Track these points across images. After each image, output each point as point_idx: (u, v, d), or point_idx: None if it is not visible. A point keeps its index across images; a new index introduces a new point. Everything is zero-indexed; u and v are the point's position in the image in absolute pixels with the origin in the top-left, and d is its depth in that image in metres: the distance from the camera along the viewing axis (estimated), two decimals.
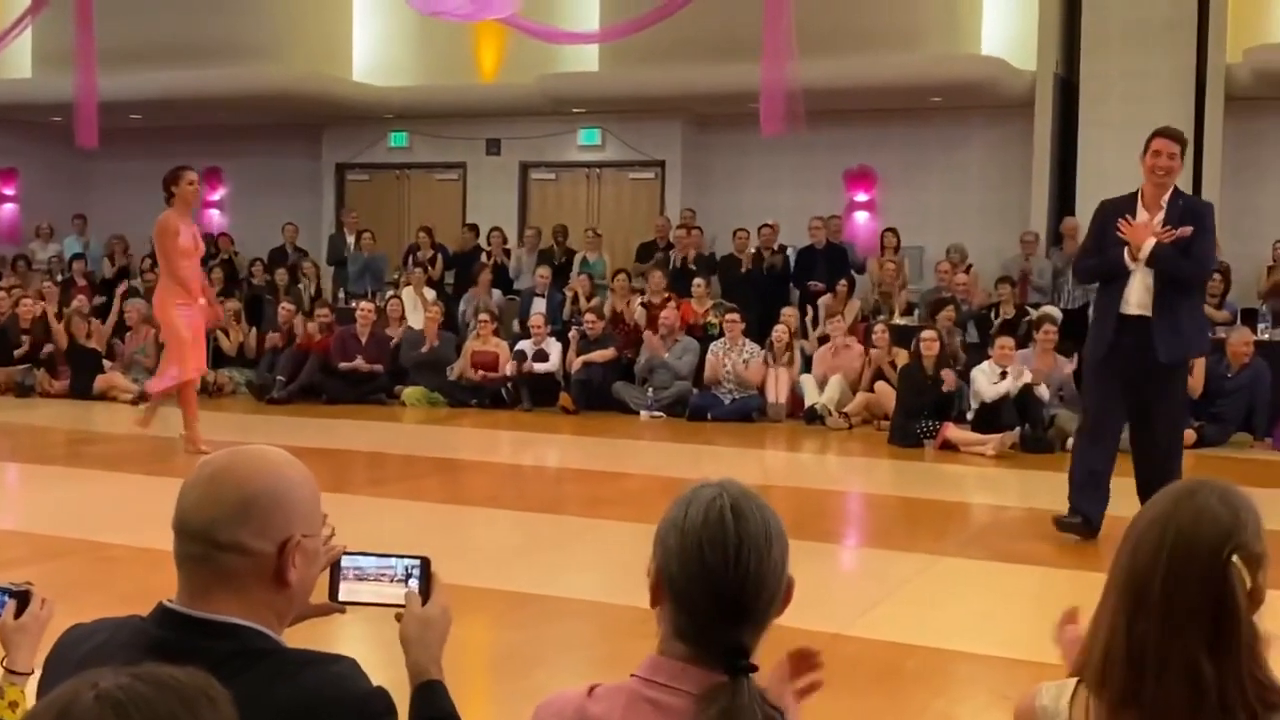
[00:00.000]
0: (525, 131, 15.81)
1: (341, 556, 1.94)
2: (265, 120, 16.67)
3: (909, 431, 10.00)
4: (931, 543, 6.48)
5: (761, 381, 11.56)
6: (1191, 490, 1.69)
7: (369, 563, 1.95)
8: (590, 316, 12.31)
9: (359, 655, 1.77)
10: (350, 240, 15.20)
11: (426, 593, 1.94)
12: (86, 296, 14.06)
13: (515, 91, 15.14)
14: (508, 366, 12.11)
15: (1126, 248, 6.25)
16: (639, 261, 14.19)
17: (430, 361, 12.51)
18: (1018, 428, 9.68)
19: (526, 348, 12.24)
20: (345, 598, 1.95)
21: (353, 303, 13.57)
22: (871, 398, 11.07)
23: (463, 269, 14.54)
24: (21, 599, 2.23)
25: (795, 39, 10.02)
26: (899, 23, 13.43)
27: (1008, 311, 11.93)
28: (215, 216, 17.49)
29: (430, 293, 13.88)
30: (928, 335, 10.44)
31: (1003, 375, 9.92)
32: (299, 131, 16.77)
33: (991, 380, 9.91)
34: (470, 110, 15.77)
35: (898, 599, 5.34)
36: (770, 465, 9.77)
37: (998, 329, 11.22)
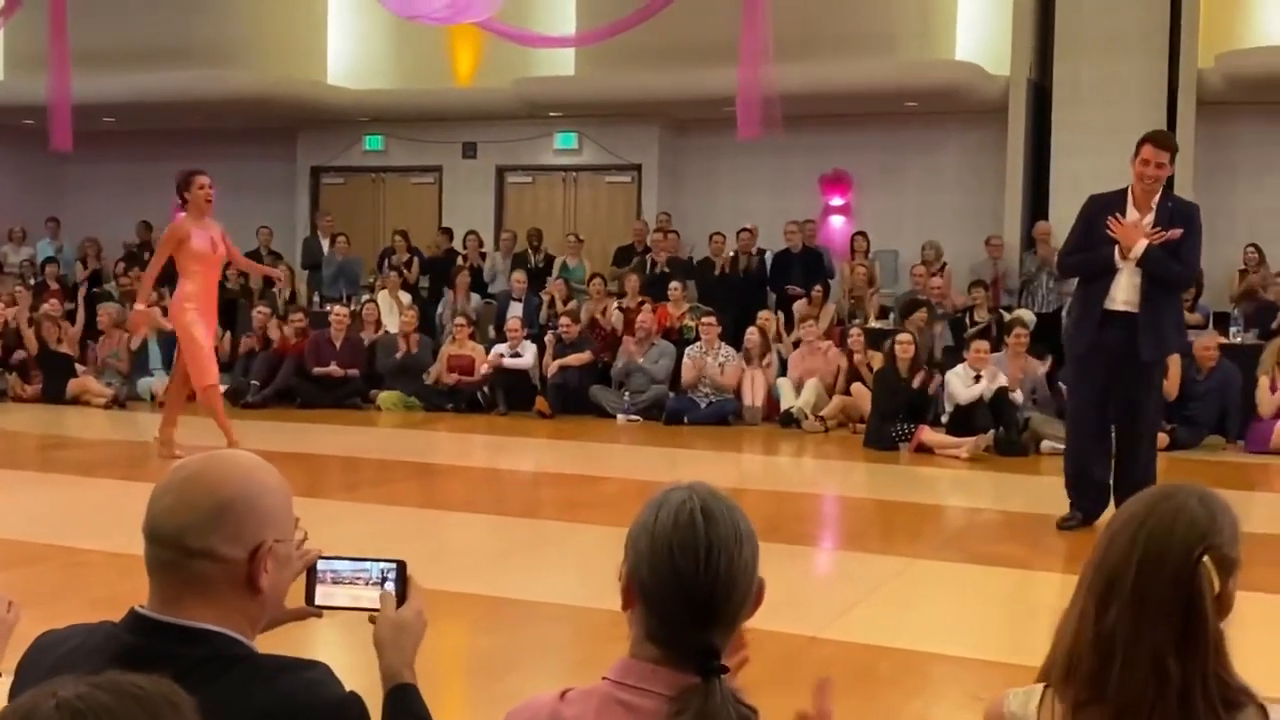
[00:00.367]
0: (501, 135, 15.79)
1: (317, 561, 1.93)
2: (240, 123, 16.60)
3: (884, 434, 10.03)
4: (907, 545, 6.50)
5: (738, 385, 11.58)
6: (1171, 492, 1.71)
7: (344, 566, 1.94)
8: (566, 320, 12.30)
9: (332, 661, 1.76)
10: (325, 244, 15.15)
11: (402, 596, 1.93)
12: (59, 301, 13.97)
13: (491, 95, 15.13)
14: (483, 365, 12.09)
15: (1117, 246, 6.31)
16: (616, 265, 14.20)
17: (406, 366, 12.48)
18: (992, 431, 9.72)
19: (503, 351, 12.22)
20: (321, 602, 1.94)
21: (327, 306, 13.52)
22: (847, 401, 11.11)
23: (438, 273, 14.50)
24: None
25: (772, 44, 10.05)
26: (874, 28, 13.48)
27: (981, 315, 11.99)
28: None
29: (406, 296, 13.84)
30: (903, 338, 10.49)
31: (977, 379, 9.96)
32: (274, 135, 16.71)
33: (966, 383, 9.95)
34: (446, 114, 15.74)
35: (873, 601, 5.35)
36: (746, 468, 9.79)
37: (974, 333, 11.28)
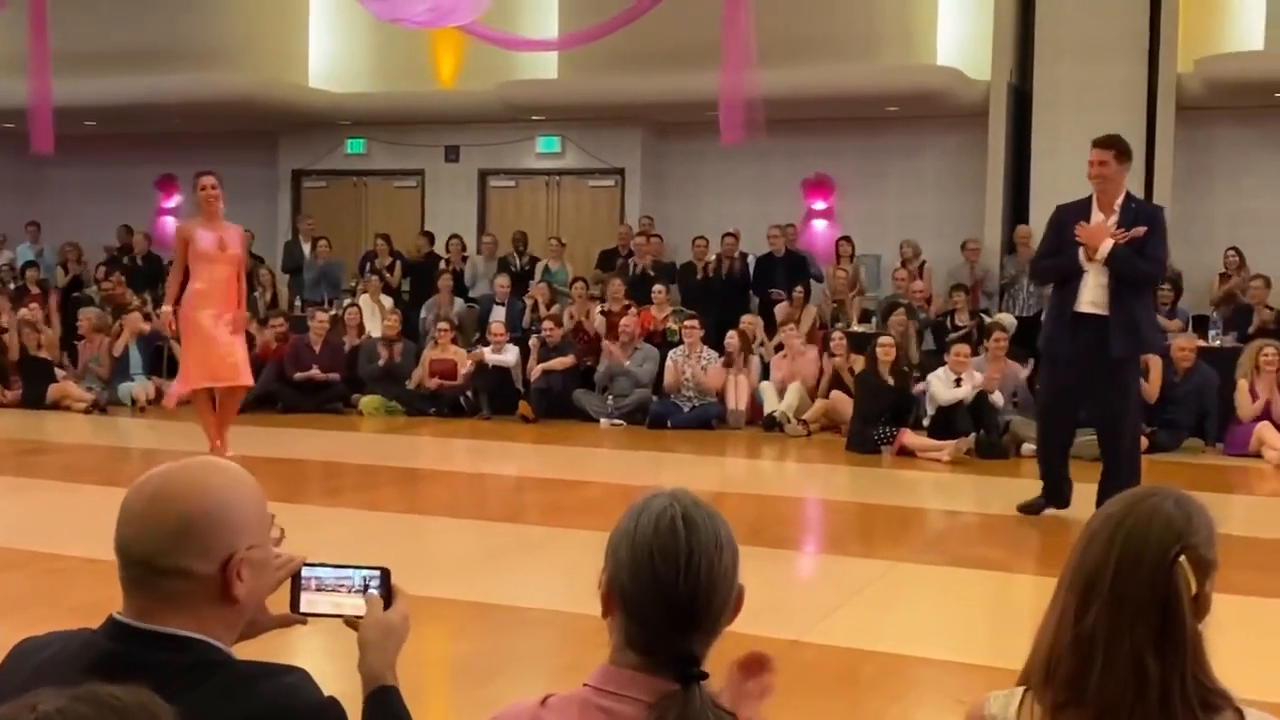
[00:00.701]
0: (484, 139, 15.78)
1: (302, 567, 1.94)
2: (221, 127, 16.55)
3: (867, 438, 10.06)
4: (889, 548, 6.51)
5: (721, 388, 11.59)
6: (1149, 493, 1.72)
7: (328, 574, 1.94)
8: (549, 324, 12.29)
9: (311, 666, 1.76)
10: (306, 248, 15.10)
11: (388, 601, 1.94)
12: (39, 305, 13.90)
13: (474, 98, 15.12)
14: (467, 362, 12.08)
15: (1082, 249, 6.52)
16: (600, 269, 14.20)
17: (388, 372, 12.45)
18: (973, 434, 9.76)
19: (486, 355, 12.21)
20: (305, 609, 1.94)
21: (308, 310, 13.48)
22: (830, 404, 11.13)
23: (420, 277, 14.47)
24: None
25: (754, 48, 10.06)
26: (856, 33, 13.53)
27: (963, 319, 12.04)
28: (171, 224, 17.33)
29: (388, 300, 13.82)
30: (884, 341, 10.53)
31: (958, 382, 10.01)
32: (255, 138, 16.66)
33: (947, 386, 10.00)
34: (429, 117, 15.72)
35: (856, 605, 5.37)
36: (729, 472, 9.80)
37: (955, 337, 11.32)
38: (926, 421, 10.22)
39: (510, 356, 12.23)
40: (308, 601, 1.94)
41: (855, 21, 13.56)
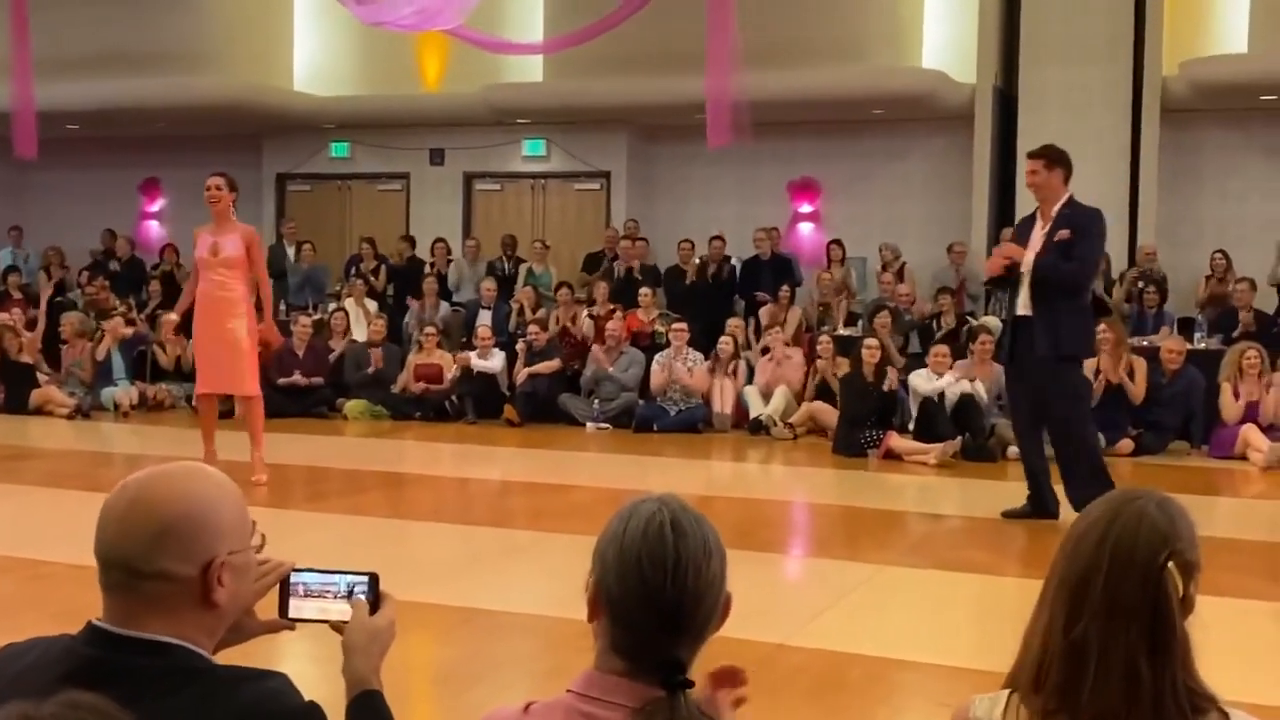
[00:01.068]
0: (469, 142, 15.76)
1: (290, 573, 1.93)
2: (205, 130, 16.49)
3: (853, 441, 10.07)
4: (875, 552, 6.51)
5: (707, 391, 11.59)
6: (1131, 497, 1.72)
7: (314, 579, 1.94)
8: (535, 328, 12.27)
9: (294, 671, 1.75)
10: (290, 252, 15.06)
11: (375, 607, 1.93)
12: (22, 310, 13.83)
13: (459, 102, 15.10)
14: (453, 369, 12.06)
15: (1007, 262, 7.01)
16: (586, 272, 14.19)
17: (374, 378, 12.42)
18: (959, 437, 9.77)
19: (472, 359, 12.18)
20: (293, 615, 1.95)
21: (292, 315, 13.44)
22: (815, 408, 11.12)
23: (403, 281, 14.44)
24: None
25: (739, 51, 10.07)
26: (841, 36, 13.55)
27: (949, 321, 12.06)
28: (155, 228, 17.29)
29: (372, 304, 13.79)
30: (870, 343, 10.56)
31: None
32: (239, 141, 16.60)
33: (929, 381, 10.17)
34: (413, 120, 15.70)
35: (841, 608, 5.36)
36: (716, 476, 9.79)
37: (941, 338, 11.34)
38: (912, 425, 10.24)
39: (496, 362, 12.21)
40: (295, 607, 1.94)
41: (841, 25, 13.58)
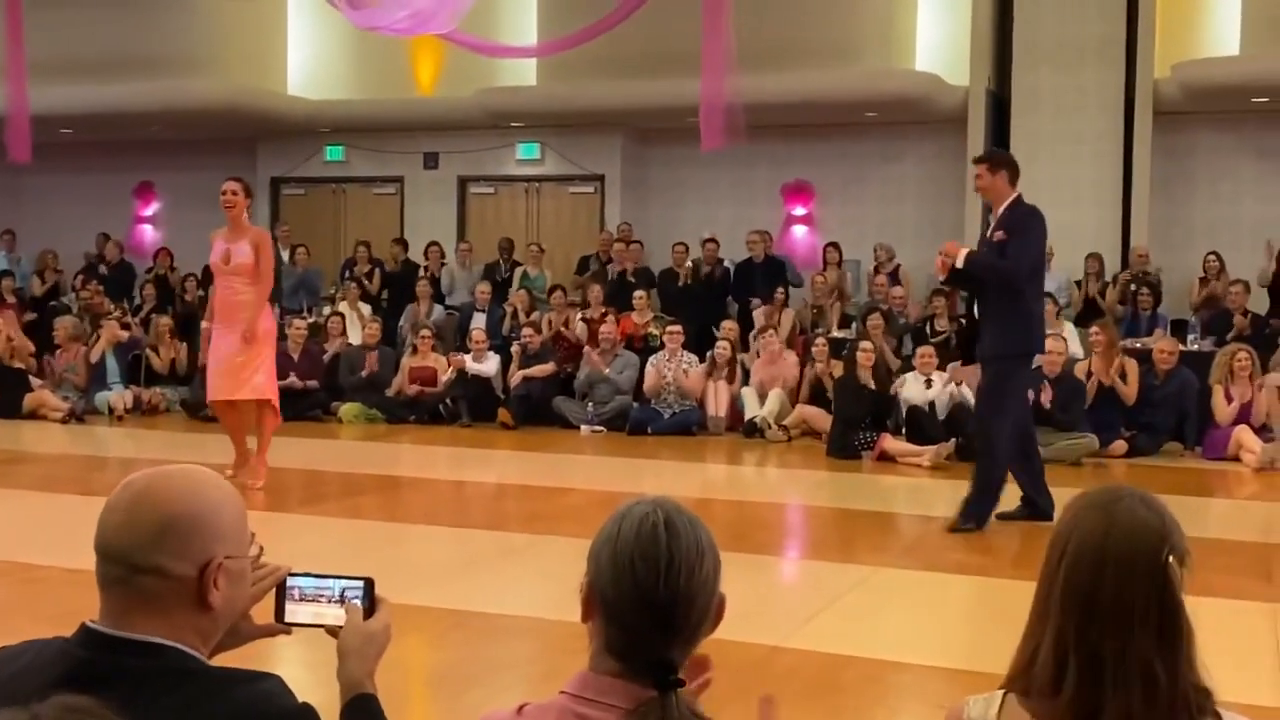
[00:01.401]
0: (463, 145, 15.76)
1: (286, 578, 1.94)
2: (199, 134, 16.48)
3: (847, 443, 10.08)
4: (869, 554, 6.52)
5: (701, 393, 11.59)
6: (1114, 498, 1.73)
7: (309, 583, 1.95)
8: (529, 331, 12.27)
9: (288, 675, 1.75)
10: (285, 255, 15.03)
11: (370, 611, 1.94)
12: (15, 314, 13.80)
13: (453, 105, 15.10)
14: (448, 371, 12.05)
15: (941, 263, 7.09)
16: (579, 275, 14.19)
17: (369, 382, 12.41)
18: (953, 439, 9.78)
19: (466, 362, 12.18)
20: (289, 619, 1.95)
21: (286, 319, 13.42)
22: (806, 412, 11.12)
23: (397, 285, 14.43)
24: None
25: (733, 54, 10.08)
26: (835, 38, 13.56)
27: (943, 325, 12.07)
28: (149, 231, 17.27)
29: (366, 308, 13.78)
30: (865, 345, 10.56)
31: (928, 384, 10.24)
32: (233, 145, 16.57)
33: (920, 387, 10.22)
34: (408, 124, 15.69)
35: (836, 610, 5.37)
36: (710, 478, 9.79)
37: (937, 343, 11.36)
38: (904, 430, 10.27)
39: (491, 366, 12.20)
40: (290, 612, 1.95)
41: (835, 27, 13.60)
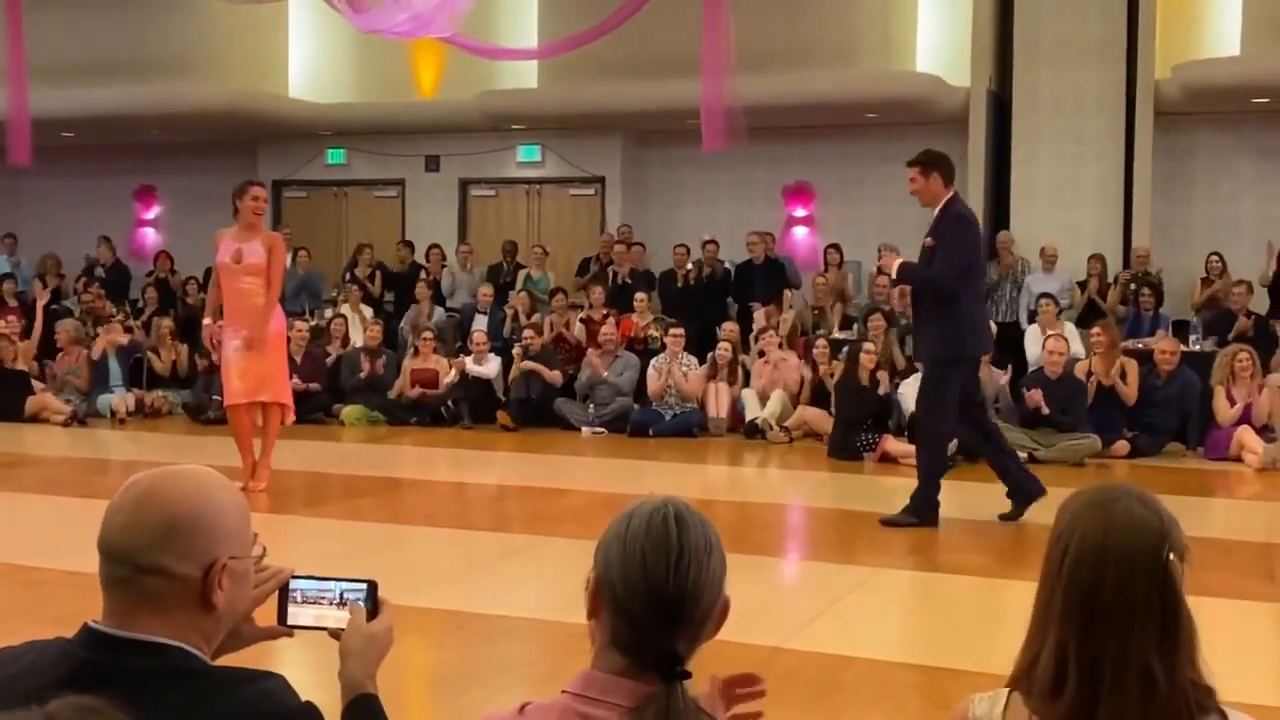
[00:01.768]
0: (464, 148, 15.77)
1: (289, 580, 1.94)
2: (200, 137, 16.50)
3: (849, 444, 10.07)
4: (871, 555, 6.51)
5: (702, 395, 11.59)
6: (1110, 498, 1.73)
7: (311, 586, 1.96)
8: (530, 333, 12.27)
9: (290, 675, 1.75)
10: (286, 258, 15.03)
11: (373, 614, 1.94)
12: (17, 317, 13.81)
13: (454, 108, 15.10)
14: (450, 373, 12.05)
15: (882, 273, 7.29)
16: (580, 277, 14.19)
17: (370, 383, 12.41)
18: (954, 439, 9.76)
19: (467, 364, 12.18)
20: (291, 622, 1.96)
21: (288, 321, 13.40)
22: (807, 414, 11.12)
23: (400, 287, 14.43)
24: None
25: (734, 56, 10.08)
26: (835, 40, 13.56)
27: None
28: (150, 235, 17.28)
29: (368, 310, 13.78)
30: (868, 347, 10.56)
31: None
32: (235, 148, 16.59)
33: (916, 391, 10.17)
34: (409, 127, 15.70)
35: (837, 611, 5.36)
36: (712, 479, 9.79)
37: None
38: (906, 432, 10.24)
39: (492, 368, 12.20)
40: (293, 614, 1.95)
41: (835, 29, 13.60)
